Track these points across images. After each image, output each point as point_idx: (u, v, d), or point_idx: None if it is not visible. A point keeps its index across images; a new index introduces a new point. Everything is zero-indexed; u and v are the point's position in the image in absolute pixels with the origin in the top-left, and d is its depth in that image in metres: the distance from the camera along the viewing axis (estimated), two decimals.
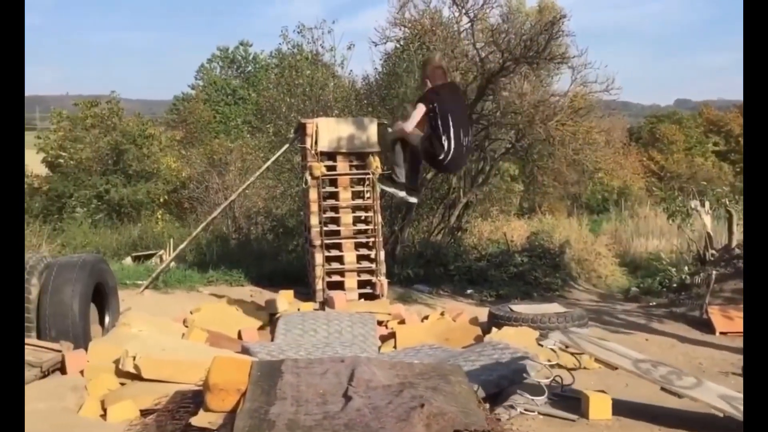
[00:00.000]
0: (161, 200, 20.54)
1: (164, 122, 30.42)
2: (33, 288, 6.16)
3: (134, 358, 5.49)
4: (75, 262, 6.54)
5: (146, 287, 9.50)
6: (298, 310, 8.41)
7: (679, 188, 17.61)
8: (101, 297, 6.99)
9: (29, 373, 5.51)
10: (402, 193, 6.37)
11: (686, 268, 11.03)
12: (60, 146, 21.02)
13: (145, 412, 4.96)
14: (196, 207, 17.40)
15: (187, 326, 7.53)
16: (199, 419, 4.29)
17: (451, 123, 5.77)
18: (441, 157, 5.82)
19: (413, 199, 6.71)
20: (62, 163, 20.69)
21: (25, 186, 19.10)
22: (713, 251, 10.55)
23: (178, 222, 18.47)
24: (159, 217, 19.56)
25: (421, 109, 5.83)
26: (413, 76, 12.50)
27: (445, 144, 5.75)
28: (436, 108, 5.78)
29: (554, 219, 18.44)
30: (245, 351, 6.60)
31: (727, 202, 11.03)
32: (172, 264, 10.58)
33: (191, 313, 8.09)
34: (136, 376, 5.46)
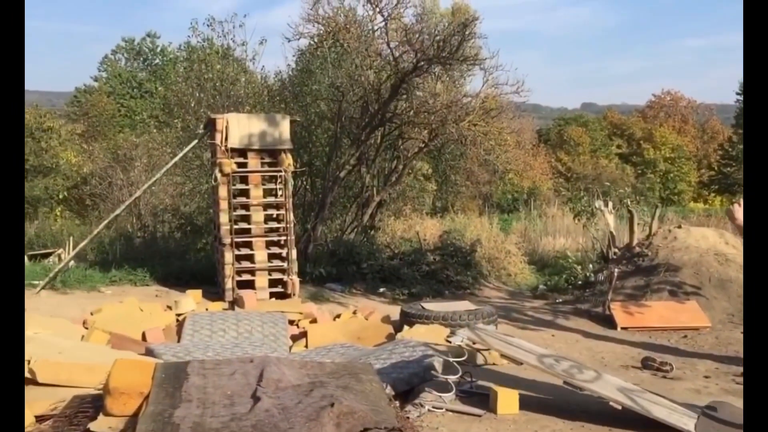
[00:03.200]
0: (60, 196, 19.65)
1: (64, 115, 29.11)
2: None
3: (29, 361, 5.20)
4: None
5: (43, 287, 9.03)
6: (207, 309, 8.20)
7: (584, 189, 18.25)
8: None
9: None
10: None
11: (590, 265, 11.43)
12: None
13: (40, 418, 4.69)
14: (99, 204, 16.73)
15: (87, 328, 7.20)
16: (99, 424, 4.09)
17: None
18: None
19: None
20: None
21: None
22: (615, 249, 10.97)
23: (79, 219, 17.72)
24: (58, 214, 18.72)
25: None
26: (327, 73, 12.43)
27: None
28: None
29: (466, 218, 18.75)
30: (150, 353, 6.36)
31: (629, 203, 11.50)
32: (72, 263, 10.11)
33: (92, 314, 7.74)
34: (31, 381, 5.15)
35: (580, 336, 8.34)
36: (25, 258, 12.13)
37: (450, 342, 5.32)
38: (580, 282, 11.26)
